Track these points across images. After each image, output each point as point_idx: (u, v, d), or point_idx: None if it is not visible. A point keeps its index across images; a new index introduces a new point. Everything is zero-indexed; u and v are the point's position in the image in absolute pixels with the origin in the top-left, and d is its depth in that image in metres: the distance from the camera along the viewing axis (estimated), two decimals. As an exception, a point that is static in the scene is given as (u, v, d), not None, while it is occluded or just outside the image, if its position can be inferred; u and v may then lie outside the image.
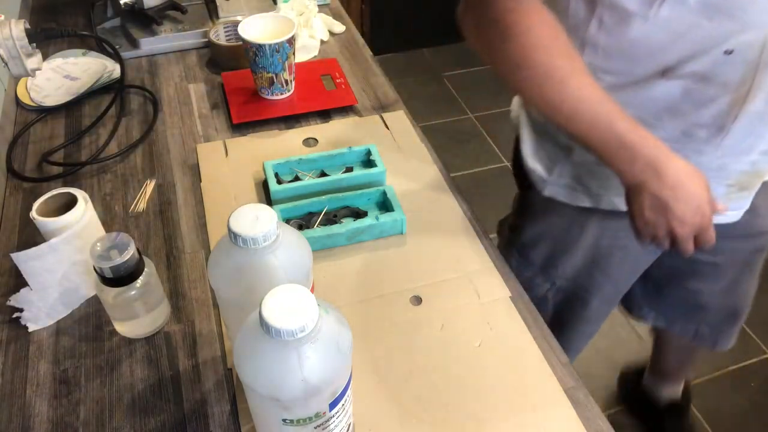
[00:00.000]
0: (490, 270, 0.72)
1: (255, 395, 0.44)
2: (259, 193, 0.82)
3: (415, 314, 0.68)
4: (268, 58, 0.91)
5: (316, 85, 1.00)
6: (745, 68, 0.64)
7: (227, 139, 0.91)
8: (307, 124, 0.95)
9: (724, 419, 1.56)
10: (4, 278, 0.71)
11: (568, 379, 0.62)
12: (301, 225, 0.76)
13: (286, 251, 0.50)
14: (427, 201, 0.81)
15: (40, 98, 0.97)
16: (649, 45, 0.65)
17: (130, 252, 0.58)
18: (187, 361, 0.63)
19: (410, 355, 0.64)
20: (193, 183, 0.84)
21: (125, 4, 1.08)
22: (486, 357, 0.63)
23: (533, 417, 0.59)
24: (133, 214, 0.79)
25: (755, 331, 1.76)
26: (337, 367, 0.43)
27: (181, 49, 1.11)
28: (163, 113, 0.96)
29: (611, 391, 1.61)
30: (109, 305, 0.62)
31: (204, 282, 0.71)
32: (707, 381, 1.65)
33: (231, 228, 0.48)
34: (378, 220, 0.74)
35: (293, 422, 0.45)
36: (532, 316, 0.68)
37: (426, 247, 0.75)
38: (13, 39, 0.76)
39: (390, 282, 0.71)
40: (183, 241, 0.76)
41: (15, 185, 0.84)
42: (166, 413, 0.59)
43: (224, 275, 0.50)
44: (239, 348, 0.44)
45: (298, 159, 0.83)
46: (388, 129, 0.93)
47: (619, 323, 1.77)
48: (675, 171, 0.64)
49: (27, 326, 0.66)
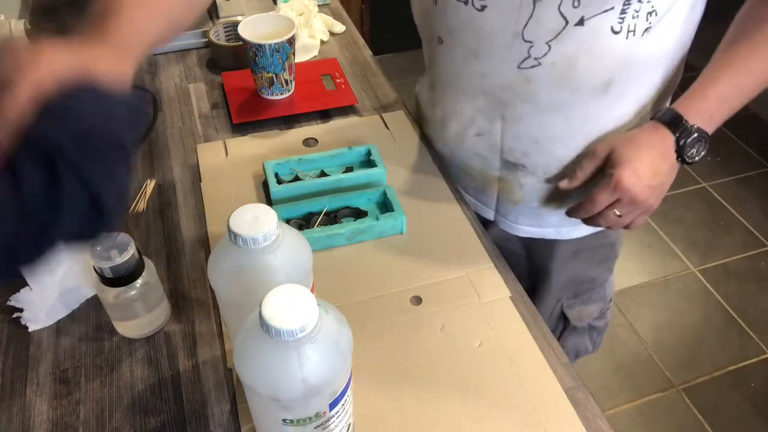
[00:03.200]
0: (490, 270, 0.72)
1: (255, 395, 0.44)
2: (259, 193, 0.82)
3: (415, 314, 0.68)
4: (268, 58, 0.91)
5: (316, 85, 1.00)
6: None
7: (227, 139, 0.91)
8: (307, 124, 0.95)
9: (724, 419, 1.56)
10: (3, 279, 0.71)
11: (568, 379, 0.62)
12: (301, 225, 0.76)
13: (286, 251, 0.50)
14: (427, 201, 0.81)
15: (40, 98, 0.97)
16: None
17: (130, 252, 0.58)
18: (187, 361, 0.63)
19: (410, 355, 0.64)
20: (193, 183, 0.84)
21: (125, 4, 1.08)
22: (486, 357, 0.63)
23: (533, 417, 0.59)
24: (133, 214, 0.79)
25: (755, 331, 1.77)
26: (337, 367, 0.43)
27: (181, 49, 1.11)
28: (163, 113, 0.96)
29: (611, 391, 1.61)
30: (109, 305, 0.62)
31: (204, 282, 0.71)
32: (707, 381, 1.65)
33: (231, 228, 0.48)
34: (378, 220, 0.74)
35: (293, 422, 0.45)
36: (532, 316, 0.68)
37: (426, 247, 0.75)
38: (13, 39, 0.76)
39: (390, 282, 0.71)
40: (183, 241, 0.76)
41: (15, 185, 0.83)
42: (166, 413, 0.59)
43: (224, 275, 0.50)
44: (239, 348, 0.44)
45: (298, 159, 0.83)
46: (388, 129, 0.93)
47: (618, 323, 1.78)
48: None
49: (27, 326, 0.66)
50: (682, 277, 1.92)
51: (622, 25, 0.63)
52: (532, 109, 0.72)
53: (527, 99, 0.71)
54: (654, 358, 1.70)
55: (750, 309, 1.83)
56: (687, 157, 0.68)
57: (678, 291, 1.88)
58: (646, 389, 1.63)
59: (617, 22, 0.63)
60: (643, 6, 0.62)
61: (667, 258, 1.97)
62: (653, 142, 0.68)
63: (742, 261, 1.97)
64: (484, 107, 0.76)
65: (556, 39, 0.64)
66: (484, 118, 0.77)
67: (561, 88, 0.69)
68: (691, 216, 2.11)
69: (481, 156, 0.81)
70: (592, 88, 0.68)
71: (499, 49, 0.68)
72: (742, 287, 1.89)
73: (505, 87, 0.71)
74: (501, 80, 0.71)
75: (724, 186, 2.23)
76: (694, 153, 0.68)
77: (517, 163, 0.79)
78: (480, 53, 0.70)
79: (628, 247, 1.99)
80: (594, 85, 0.68)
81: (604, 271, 0.96)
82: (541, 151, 0.76)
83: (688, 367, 1.68)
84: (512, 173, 0.80)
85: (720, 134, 2.87)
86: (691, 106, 0.67)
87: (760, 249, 2.01)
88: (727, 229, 2.07)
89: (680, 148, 0.67)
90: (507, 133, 0.76)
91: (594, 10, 0.62)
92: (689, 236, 2.04)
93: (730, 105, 0.67)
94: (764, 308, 1.83)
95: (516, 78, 0.69)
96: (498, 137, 0.77)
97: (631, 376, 1.65)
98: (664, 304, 1.84)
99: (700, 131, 0.66)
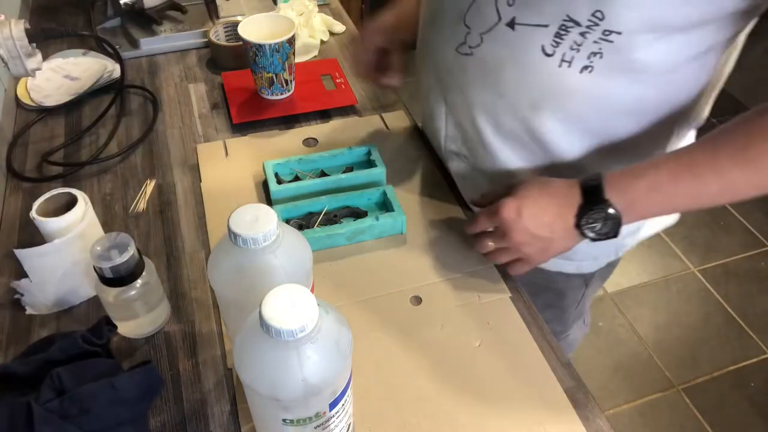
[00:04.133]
0: (490, 270, 0.72)
1: (255, 395, 0.44)
2: (259, 193, 0.82)
3: (415, 314, 0.68)
4: (268, 58, 0.91)
5: (316, 85, 1.00)
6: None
7: (227, 139, 0.91)
8: (307, 124, 0.95)
9: (724, 419, 1.56)
10: (4, 278, 0.71)
11: (568, 379, 0.62)
12: (301, 225, 0.76)
13: (286, 251, 0.50)
14: (427, 201, 0.81)
15: (40, 98, 0.97)
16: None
17: (130, 252, 0.58)
18: (187, 361, 0.63)
19: (410, 355, 0.64)
20: (193, 183, 0.84)
21: (125, 4, 1.08)
22: (486, 357, 0.63)
23: (533, 417, 0.59)
24: (133, 214, 0.79)
25: (755, 331, 1.77)
26: (337, 367, 0.43)
27: (181, 49, 1.11)
28: (163, 113, 0.96)
29: (611, 391, 1.61)
30: (109, 305, 0.62)
31: (204, 282, 0.71)
32: (707, 381, 1.65)
33: (231, 228, 0.48)
34: (378, 220, 0.74)
35: (293, 422, 0.45)
36: (532, 316, 0.68)
37: (426, 247, 0.75)
38: (13, 39, 0.76)
39: (390, 282, 0.71)
40: (183, 241, 0.76)
41: (15, 185, 0.84)
42: (166, 413, 0.59)
43: (224, 275, 0.50)
44: (239, 348, 0.44)
45: (298, 159, 0.83)
46: (388, 129, 0.93)
47: (618, 323, 1.78)
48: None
49: (26, 309, 0.67)
50: (682, 277, 1.92)
51: (556, 50, 0.59)
52: (464, 102, 0.71)
53: (463, 89, 0.70)
54: (654, 358, 1.70)
55: (750, 309, 1.83)
56: (585, 228, 0.61)
57: (678, 291, 1.88)
58: (646, 389, 1.63)
59: (550, 44, 0.59)
60: (587, 43, 0.58)
61: (667, 258, 1.97)
62: (560, 196, 0.63)
63: (742, 261, 1.97)
64: (433, 85, 0.76)
65: (489, 33, 0.63)
66: (433, 97, 0.77)
67: (488, 90, 0.67)
68: (691, 216, 2.11)
69: (435, 140, 0.84)
70: (519, 103, 0.66)
71: (446, 25, 0.68)
72: (742, 287, 1.89)
73: (446, 70, 0.71)
74: (443, 60, 0.71)
75: (724, 186, 2.23)
76: (595, 227, 0.61)
77: (456, 152, 0.79)
78: (435, 23, 0.71)
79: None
80: (519, 101, 0.66)
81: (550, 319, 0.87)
82: (473, 151, 0.75)
83: (688, 367, 1.68)
84: (452, 161, 0.81)
85: (720, 134, 2.81)
86: (618, 182, 0.60)
87: (760, 249, 2.01)
88: (727, 229, 2.07)
89: (580, 214, 0.61)
90: (449, 121, 0.77)
91: (526, 17, 0.60)
92: (689, 236, 2.05)
93: (662, 200, 0.60)
94: (764, 308, 1.83)
95: (454, 62, 0.69)
96: (442, 123, 0.78)
97: (631, 376, 1.65)
98: (664, 304, 1.84)
99: (610, 209, 0.59)
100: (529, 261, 0.67)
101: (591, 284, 0.90)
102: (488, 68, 0.66)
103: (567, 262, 0.82)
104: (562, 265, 0.83)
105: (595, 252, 0.83)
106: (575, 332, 1.03)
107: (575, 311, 0.95)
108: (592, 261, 0.84)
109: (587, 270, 0.85)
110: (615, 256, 0.86)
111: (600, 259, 0.85)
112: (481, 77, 0.67)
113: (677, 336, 1.75)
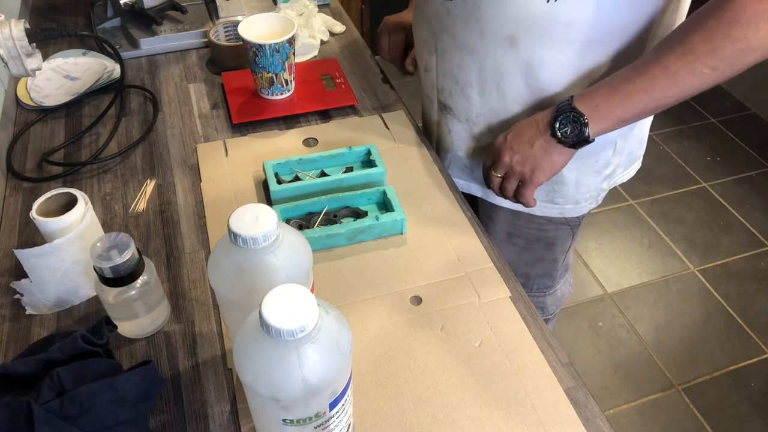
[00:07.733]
0: (490, 270, 0.72)
1: (255, 395, 0.44)
2: (259, 193, 0.82)
3: (415, 314, 0.68)
4: (268, 58, 0.91)
5: (316, 85, 1.00)
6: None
7: (227, 139, 0.91)
8: (307, 124, 0.95)
9: (724, 419, 1.56)
10: (4, 278, 0.71)
11: (568, 379, 0.62)
12: (301, 225, 0.76)
13: (286, 251, 0.50)
14: (427, 201, 0.81)
15: (40, 98, 0.97)
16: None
17: (130, 252, 0.58)
18: (187, 361, 0.64)
19: (410, 355, 0.64)
20: (193, 183, 0.84)
21: (125, 4, 1.08)
22: (486, 357, 0.64)
23: (533, 417, 0.59)
24: (133, 214, 0.79)
25: (755, 331, 1.77)
26: (337, 367, 0.43)
27: (181, 49, 1.11)
28: (163, 113, 0.96)
29: (611, 391, 1.61)
30: (109, 305, 0.62)
31: (204, 282, 0.71)
32: (707, 381, 1.65)
33: (231, 228, 0.48)
34: (378, 220, 0.74)
35: (293, 422, 0.45)
36: (532, 316, 0.68)
37: (426, 247, 0.75)
38: (13, 39, 0.76)
39: (390, 282, 0.71)
40: (183, 241, 0.76)
41: (15, 185, 0.84)
42: (166, 413, 0.59)
43: (224, 275, 0.50)
44: (239, 348, 0.44)
45: (298, 159, 0.83)
46: (388, 129, 0.93)
47: (618, 323, 1.78)
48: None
49: (26, 309, 0.67)
50: (682, 277, 1.92)
51: None
52: (452, 44, 0.78)
53: (449, 32, 0.77)
54: (654, 358, 1.70)
55: (750, 309, 1.83)
56: (559, 132, 0.70)
57: (678, 291, 1.88)
58: (646, 389, 1.63)
59: None
60: None
61: (667, 258, 1.97)
62: (538, 119, 0.73)
63: (742, 261, 1.97)
64: (426, 36, 0.83)
65: None
66: (426, 49, 0.83)
67: (470, 29, 0.74)
68: (691, 216, 2.11)
69: (429, 97, 0.90)
70: (497, 38, 0.73)
71: None
72: (742, 287, 1.89)
73: (435, 16, 0.78)
74: (432, 8, 0.78)
75: (724, 186, 2.23)
76: (567, 131, 0.70)
77: (446, 105, 0.85)
78: None
79: (628, 247, 2.00)
80: (498, 35, 0.72)
81: (541, 274, 0.99)
82: (462, 95, 0.81)
83: (688, 367, 1.68)
84: (444, 116, 0.87)
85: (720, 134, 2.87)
86: (583, 93, 0.69)
87: (760, 249, 2.01)
88: (727, 229, 2.07)
89: (552, 120, 0.70)
90: (439, 69, 0.83)
91: None
92: (689, 236, 2.04)
93: (621, 99, 0.67)
94: (764, 308, 1.83)
95: (440, 7, 0.76)
96: (434, 73, 0.84)
97: (631, 376, 1.65)
98: (664, 304, 1.84)
99: (577, 113, 0.68)
100: (529, 181, 0.76)
101: (576, 234, 0.98)
102: (468, 8, 0.73)
103: (551, 206, 0.90)
104: (549, 209, 0.90)
105: (577, 196, 0.89)
106: (562, 288, 1.10)
107: (562, 265, 1.03)
108: (574, 205, 0.90)
109: (570, 214, 0.92)
110: (595, 203, 0.92)
111: (581, 204, 0.90)
112: (464, 17, 0.74)
113: (677, 336, 1.75)
